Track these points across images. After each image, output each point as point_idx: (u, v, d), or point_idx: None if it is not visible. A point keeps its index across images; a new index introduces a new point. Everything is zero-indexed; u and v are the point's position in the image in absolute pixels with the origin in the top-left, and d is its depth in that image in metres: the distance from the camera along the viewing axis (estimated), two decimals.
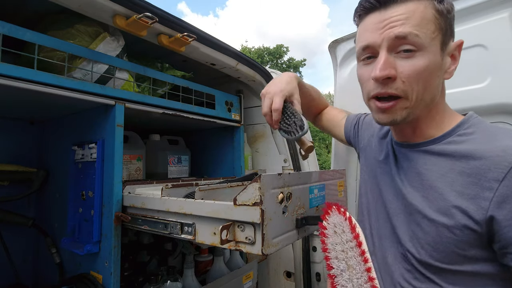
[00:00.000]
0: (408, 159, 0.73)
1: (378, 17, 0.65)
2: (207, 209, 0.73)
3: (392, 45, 0.63)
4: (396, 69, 0.63)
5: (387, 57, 0.63)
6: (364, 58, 0.69)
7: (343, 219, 0.62)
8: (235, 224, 0.68)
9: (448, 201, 0.62)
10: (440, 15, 0.63)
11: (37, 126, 1.30)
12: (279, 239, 0.68)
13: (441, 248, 0.63)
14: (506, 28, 1.12)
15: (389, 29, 0.62)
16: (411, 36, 0.60)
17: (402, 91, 0.63)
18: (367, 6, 0.67)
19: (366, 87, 0.69)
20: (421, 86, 0.63)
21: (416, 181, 0.70)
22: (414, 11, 0.61)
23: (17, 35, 0.78)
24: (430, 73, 0.63)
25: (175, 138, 1.60)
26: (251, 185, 0.64)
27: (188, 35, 1.07)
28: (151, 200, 0.90)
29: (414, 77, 0.62)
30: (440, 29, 0.63)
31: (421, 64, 0.61)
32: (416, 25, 0.60)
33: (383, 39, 0.63)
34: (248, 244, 0.66)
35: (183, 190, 0.97)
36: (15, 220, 1.14)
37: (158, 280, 1.09)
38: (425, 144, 0.71)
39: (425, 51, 0.61)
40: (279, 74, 1.83)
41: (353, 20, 0.75)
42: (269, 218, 0.64)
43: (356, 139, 1.01)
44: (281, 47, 26.60)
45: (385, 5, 0.64)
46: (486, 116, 1.19)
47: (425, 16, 0.61)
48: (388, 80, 0.63)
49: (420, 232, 0.66)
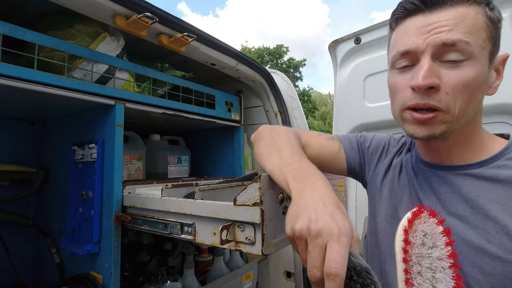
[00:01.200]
0: (448, 183, 0.63)
1: (422, 21, 0.58)
2: (207, 209, 0.73)
3: (437, 52, 0.56)
4: (440, 78, 0.56)
5: (431, 64, 0.56)
6: (401, 65, 0.62)
7: (437, 230, 0.54)
8: (235, 224, 0.68)
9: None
10: (491, 23, 0.57)
11: (37, 126, 1.30)
12: (279, 239, 0.67)
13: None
14: (506, 28, 1.12)
15: (435, 35, 0.55)
16: (460, 43, 0.54)
17: (445, 104, 0.56)
18: (410, 8, 0.59)
19: (401, 97, 0.61)
20: (465, 99, 0.56)
21: (462, 210, 0.60)
22: (464, 17, 0.55)
23: (17, 35, 0.78)
24: (477, 85, 0.56)
25: (175, 138, 1.60)
26: (251, 185, 0.64)
27: (188, 35, 1.07)
28: (151, 200, 0.90)
29: (460, 88, 0.55)
30: (490, 38, 0.57)
31: (470, 75, 0.55)
32: (466, 32, 0.54)
33: (428, 44, 0.56)
34: (248, 244, 0.65)
35: (183, 190, 0.97)
36: (15, 220, 1.14)
37: (158, 280, 1.09)
38: (470, 166, 0.62)
39: (474, 61, 0.55)
40: (279, 74, 1.84)
41: (389, 24, 0.67)
42: (269, 218, 0.64)
43: (363, 167, 0.87)
44: (281, 47, 26.62)
45: (430, 8, 0.57)
46: (486, 116, 1.19)
47: (477, 22, 0.55)
48: (431, 90, 0.56)
49: (479, 275, 0.55)
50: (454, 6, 0.56)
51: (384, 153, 0.82)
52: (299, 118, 1.70)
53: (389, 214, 0.73)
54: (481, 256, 0.55)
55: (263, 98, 1.69)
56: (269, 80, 1.59)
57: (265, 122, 1.74)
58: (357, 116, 1.50)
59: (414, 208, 0.60)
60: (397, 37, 0.63)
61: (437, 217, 0.57)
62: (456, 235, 0.58)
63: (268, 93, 1.64)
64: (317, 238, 0.44)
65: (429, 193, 0.66)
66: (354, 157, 0.86)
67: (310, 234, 0.44)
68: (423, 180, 0.68)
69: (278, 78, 1.77)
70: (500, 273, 0.53)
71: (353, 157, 0.86)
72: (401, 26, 0.62)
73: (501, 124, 1.17)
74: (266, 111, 1.71)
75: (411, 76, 0.59)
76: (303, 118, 1.71)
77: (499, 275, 0.53)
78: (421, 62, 0.57)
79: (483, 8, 0.56)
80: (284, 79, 1.81)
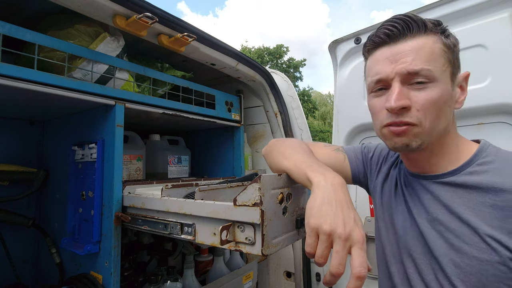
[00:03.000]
0: (430, 191, 0.71)
1: (388, 52, 0.67)
2: (207, 209, 0.73)
3: (405, 79, 0.65)
4: (410, 99, 0.64)
5: (401, 88, 0.64)
6: (376, 90, 0.70)
7: None
8: (235, 224, 0.68)
9: (486, 236, 0.60)
10: (448, 49, 0.66)
11: (37, 126, 1.30)
12: (279, 239, 0.68)
13: (488, 287, 0.60)
14: (506, 28, 1.12)
15: (401, 64, 0.64)
16: (423, 71, 0.63)
17: (417, 119, 0.64)
18: (377, 40, 0.69)
19: (379, 117, 0.70)
20: (434, 115, 0.64)
21: (442, 215, 0.67)
22: (422, 46, 0.64)
23: (17, 35, 0.78)
24: (443, 102, 0.64)
25: (175, 138, 1.60)
26: (251, 185, 0.64)
27: (188, 35, 1.07)
28: (151, 200, 0.90)
29: (428, 106, 0.63)
30: (449, 62, 0.66)
31: (435, 94, 0.63)
32: (426, 60, 0.63)
33: (396, 73, 0.65)
34: (248, 245, 0.66)
35: (183, 190, 0.97)
36: (15, 220, 1.14)
37: (158, 280, 1.09)
38: (446, 175, 0.70)
39: (438, 83, 0.64)
40: (279, 74, 1.84)
41: (362, 54, 0.77)
42: (269, 218, 0.64)
43: (367, 176, 0.94)
44: (281, 47, 26.61)
45: (394, 40, 0.66)
46: (486, 116, 1.19)
47: (434, 50, 0.64)
48: (403, 110, 0.64)
49: (461, 274, 0.62)
50: (414, 37, 0.65)
51: (383, 162, 0.90)
52: (299, 118, 1.70)
53: (388, 220, 0.81)
54: (460, 257, 0.62)
55: (263, 98, 1.69)
56: (269, 80, 1.59)
57: (265, 122, 1.74)
58: (357, 116, 1.50)
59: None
60: (370, 66, 0.72)
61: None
62: (440, 238, 0.66)
63: (268, 93, 1.64)
64: (346, 242, 0.54)
65: (416, 201, 0.74)
66: (359, 167, 0.94)
67: (340, 237, 0.54)
68: (411, 189, 0.77)
69: (278, 78, 1.77)
70: (477, 271, 0.60)
71: (358, 167, 0.94)
72: (372, 56, 0.72)
73: (501, 124, 1.17)
74: (266, 111, 1.71)
75: (386, 99, 0.67)
76: (303, 118, 1.71)
77: (476, 274, 0.60)
78: (392, 87, 0.66)
79: (439, 36, 0.66)
80: (284, 79, 1.81)
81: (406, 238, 0.74)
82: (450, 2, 1.24)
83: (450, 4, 1.24)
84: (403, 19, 0.66)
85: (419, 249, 0.71)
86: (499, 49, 1.14)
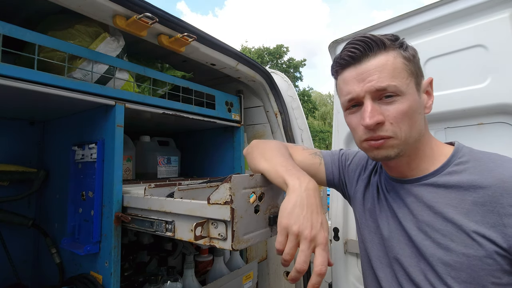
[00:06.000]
0: (413, 194, 0.74)
1: (354, 72, 0.71)
2: (185, 207, 0.78)
3: (374, 95, 0.69)
4: (382, 113, 0.68)
5: (372, 105, 0.69)
6: (350, 107, 0.75)
7: None
8: (209, 221, 0.73)
9: (471, 232, 0.63)
10: (408, 61, 0.70)
11: (37, 126, 1.30)
12: (251, 235, 0.72)
13: (478, 281, 0.62)
14: (506, 28, 1.12)
15: (369, 83, 0.68)
16: (390, 87, 0.67)
17: (392, 131, 0.68)
18: (342, 62, 0.73)
19: (357, 133, 0.74)
20: (406, 124, 0.68)
21: (427, 216, 0.70)
22: (385, 63, 0.68)
23: (17, 35, 0.78)
24: (413, 112, 0.69)
25: (165, 139, 1.63)
26: (222, 185, 0.69)
27: (188, 35, 1.07)
28: (135, 199, 0.94)
29: (400, 118, 0.68)
30: (411, 73, 0.70)
31: (404, 107, 0.67)
32: (391, 77, 0.67)
33: (365, 91, 0.69)
34: (221, 240, 0.70)
35: (166, 189, 1.01)
36: (15, 220, 1.14)
37: (158, 280, 1.09)
38: (427, 177, 0.73)
39: (404, 95, 0.68)
40: (279, 74, 1.84)
41: (331, 74, 0.81)
42: (240, 216, 0.69)
43: (344, 181, 0.98)
44: (281, 47, 26.62)
45: (359, 60, 0.70)
46: (486, 116, 1.19)
47: (396, 66, 0.68)
48: (378, 125, 0.68)
49: (452, 272, 0.64)
50: (376, 55, 0.69)
51: (363, 170, 0.93)
52: (299, 118, 1.70)
53: (372, 226, 0.83)
54: (449, 255, 0.65)
55: (263, 98, 1.69)
56: (269, 80, 1.59)
57: (265, 122, 1.74)
58: None
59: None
60: (340, 86, 0.77)
61: None
62: (427, 239, 0.69)
63: (268, 93, 1.64)
64: (311, 243, 0.62)
65: (401, 204, 0.76)
66: (334, 172, 0.99)
67: (306, 238, 0.62)
68: (394, 193, 0.79)
69: (278, 78, 1.77)
70: (467, 267, 0.63)
71: (333, 171, 0.99)
72: (340, 76, 0.76)
73: (501, 124, 1.17)
74: (266, 111, 1.71)
75: (360, 116, 0.71)
76: (303, 118, 1.71)
77: (466, 270, 0.63)
78: (364, 105, 0.70)
79: (398, 51, 0.69)
80: (284, 79, 1.81)
81: (392, 242, 0.76)
82: (450, 2, 1.24)
83: (450, 4, 1.24)
84: (363, 40, 0.69)
85: (406, 252, 0.72)
86: (499, 49, 1.14)
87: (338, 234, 1.56)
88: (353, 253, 1.53)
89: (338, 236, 1.56)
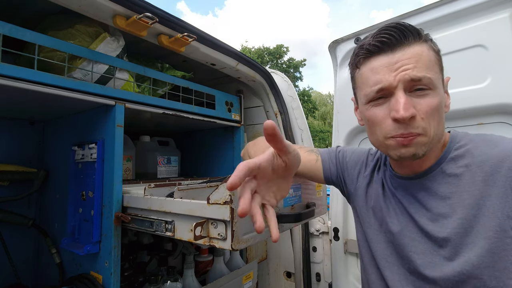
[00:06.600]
0: (424, 188, 0.73)
1: (387, 60, 0.66)
2: (184, 207, 0.78)
3: (407, 86, 0.65)
4: (415, 107, 0.64)
5: (407, 97, 0.64)
6: (376, 99, 0.69)
7: None
8: (209, 221, 0.73)
9: (491, 207, 0.62)
10: (438, 55, 0.68)
11: (37, 126, 1.30)
12: (250, 235, 0.73)
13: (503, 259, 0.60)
14: (506, 28, 1.12)
15: (403, 72, 0.64)
16: (425, 78, 0.64)
17: (423, 128, 0.65)
18: (373, 49, 0.68)
19: (383, 127, 0.68)
20: (436, 121, 0.66)
21: (442, 208, 0.69)
22: (420, 54, 0.65)
23: (17, 35, 0.78)
24: (441, 108, 0.67)
25: (165, 139, 1.62)
26: (222, 185, 0.69)
27: (188, 35, 1.07)
28: (134, 199, 0.94)
29: (431, 113, 0.65)
30: (440, 68, 0.68)
31: (436, 102, 0.65)
32: (426, 68, 0.64)
33: (399, 81, 0.64)
34: (220, 240, 0.71)
35: (166, 189, 1.01)
36: (15, 220, 1.14)
37: (158, 280, 1.09)
38: (433, 168, 0.72)
39: (436, 89, 0.65)
40: (279, 74, 1.84)
41: (351, 64, 0.75)
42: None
43: (342, 178, 0.96)
44: (281, 47, 26.61)
45: (392, 48, 0.66)
46: (486, 116, 1.19)
47: (431, 58, 0.66)
48: (411, 119, 0.64)
49: (487, 258, 0.61)
50: (410, 45, 0.65)
51: (364, 166, 0.91)
52: (299, 118, 1.70)
53: (378, 224, 0.81)
54: (472, 238, 0.63)
55: (263, 98, 1.69)
56: (269, 80, 1.59)
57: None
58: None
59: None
60: (366, 76, 0.70)
61: None
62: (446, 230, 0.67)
63: (268, 93, 1.64)
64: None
65: (412, 200, 0.74)
66: (331, 168, 0.97)
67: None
68: (402, 190, 0.77)
69: (278, 78, 1.77)
70: (501, 250, 0.60)
71: (330, 168, 0.97)
72: (367, 64, 0.70)
73: (501, 124, 1.17)
74: (266, 111, 1.71)
75: (387, 108, 0.67)
76: (303, 118, 1.71)
77: (500, 253, 0.60)
78: (396, 96, 0.65)
79: (429, 44, 0.67)
80: (284, 79, 1.81)
81: (404, 239, 0.74)
82: (450, 2, 1.23)
83: (450, 4, 1.24)
84: (398, 28, 0.66)
85: (419, 249, 0.71)
86: (499, 49, 1.14)
87: (338, 234, 1.56)
88: (353, 253, 1.53)
89: (338, 236, 1.56)
